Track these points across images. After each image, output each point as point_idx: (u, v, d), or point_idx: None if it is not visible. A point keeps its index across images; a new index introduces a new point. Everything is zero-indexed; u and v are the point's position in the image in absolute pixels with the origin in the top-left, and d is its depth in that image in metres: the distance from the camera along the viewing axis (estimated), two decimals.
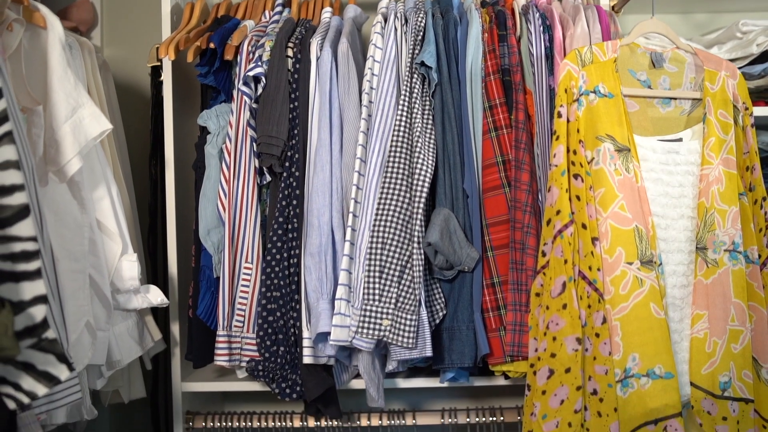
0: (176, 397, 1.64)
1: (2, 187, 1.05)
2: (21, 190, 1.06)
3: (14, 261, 1.05)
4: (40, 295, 1.06)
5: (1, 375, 1.05)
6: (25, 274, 1.05)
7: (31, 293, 1.05)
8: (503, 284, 1.41)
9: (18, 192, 1.06)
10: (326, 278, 1.40)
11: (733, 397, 1.38)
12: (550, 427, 1.27)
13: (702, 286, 1.41)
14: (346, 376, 1.59)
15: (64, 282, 1.30)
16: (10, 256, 1.05)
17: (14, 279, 1.05)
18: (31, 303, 1.05)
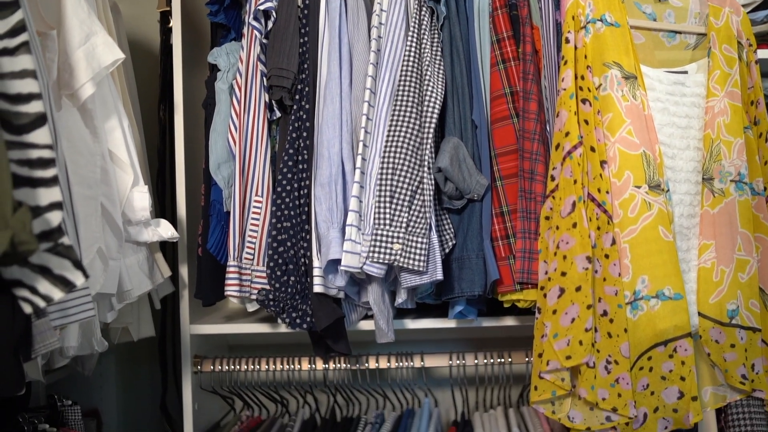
0: (185, 340, 1.64)
1: (20, 94, 1.06)
2: (38, 98, 1.07)
3: (31, 167, 1.06)
4: (56, 201, 1.06)
5: (17, 278, 1.06)
6: (42, 180, 1.06)
7: (47, 199, 1.05)
8: (512, 213, 1.42)
9: (35, 100, 1.07)
10: (336, 208, 1.41)
11: (740, 325, 1.39)
12: (561, 345, 1.27)
13: (708, 216, 1.43)
14: (355, 315, 1.60)
15: (77, 207, 1.30)
16: (27, 161, 1.06)
17: (31, 185, 1.05)
18: (47, 209, 1.06)
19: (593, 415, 1.34)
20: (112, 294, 1.40)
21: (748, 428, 1.42)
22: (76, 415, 1.50)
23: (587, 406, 1.35)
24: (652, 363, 1.34)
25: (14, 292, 1.06)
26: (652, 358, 1.34)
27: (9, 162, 1.04)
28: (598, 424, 1.34)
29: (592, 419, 1.34)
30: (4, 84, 1.04)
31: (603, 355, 1.31)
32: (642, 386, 1.34)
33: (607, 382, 1.31)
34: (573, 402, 1.36)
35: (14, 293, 1.06)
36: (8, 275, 1.06)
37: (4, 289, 1.06)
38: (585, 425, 1.35)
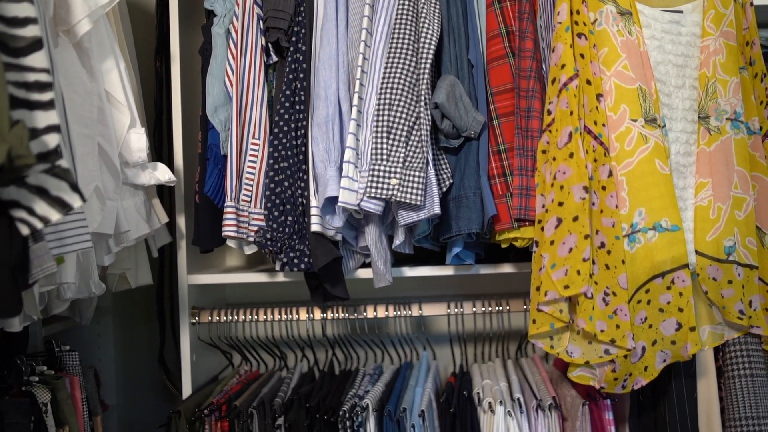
0: (182, 290, 1.64)
1: (16, 18, 1.06)
2: (34, 23, 1.07)
3: (28, 89, 1.06)
4: (53, 124, 1.06)
5: (14, 199, 1.06)
6: (39, 103, 1.06)
7: (44, 122, 1.05)
8: (509, 151, 1.42)
9: (31, 24, 1.07)
10: (333, 147, 1.41)
11: (737, 262, 1.39)
12: (559, 275, 1.27)
13: (705, 154, 1.43)
14: (353, 263, 1.60)
15: (75, 145, 1.31)
16: (24, 84, 1.05)
17: (28, 107, 1.05)
18: (44, 131, 1.05)
19: (591, 348, 1.35)
20: (109, 235, 1.40)
21: (746, 366, 1.42)
22: (74, 360, 1.50)
23: (586, 340, 1.35)
24: (649, 296, 1.34)
25: (11, 214, 1.06)
26: (649, 291, 1.34)
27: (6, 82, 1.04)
28: (597, 357, 1.34)
29: (590, 353, 1.35)
30: (1, 6, 1.04)
31: (601, 287, 1.31)
32: (640, 319, 1.34)
33: (605, 314, 1.31)
34: (571, 337, 1.36)
35: (11, 214, 1.06)
36: (5, 196, 1.06)
37: (2, 211, 1.06)
38: (583, 359, 1.35)
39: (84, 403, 1.49)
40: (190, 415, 1.56)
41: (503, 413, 1.51)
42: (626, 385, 1.36)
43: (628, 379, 1.36)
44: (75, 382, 1.47)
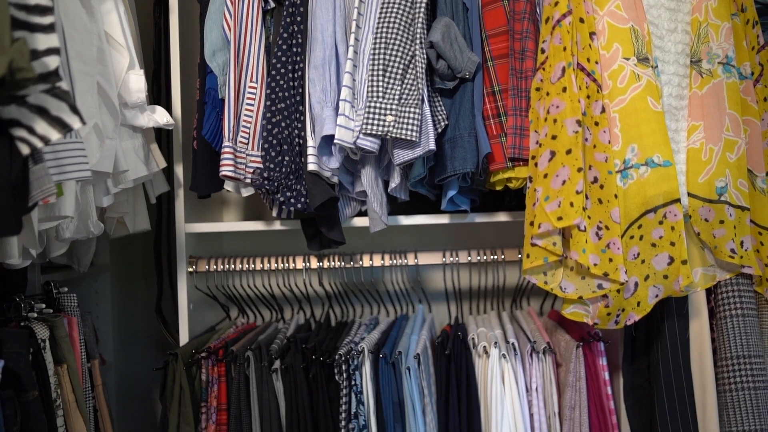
0: (180, 238, 1.66)
1: None
2: None
3: (28, 12, 1.07)
4: (54, 47, 1.07)
5: (15, 117, 1.07)
6: (40, 26, 1.07)
7: (45, 44, 1.06)
8: (503, 92, 1.44)
9: None
10: (330, 88, 1.42)
11: (729, 203, 1.41)
12: (552, 207, 1.29)
13: (697, 97, 1.45)
14: (349, 210, 1.61)
15: (74, 81, 1.32)
16: (24, 6, 1.07)
17: (29, 29, 1.06)
18: (45, 53, 1.07)
19: (585, 284, 1.36)
20: (107, 174, 1.41)
21: (738, 306, 1.44)
22: (72, 302, 1.51)
23: (579, 276, 1.37)
24: (642, 231, 1.35)
25: (12, 132, 1.08)
26: (642, 227, 1.35)
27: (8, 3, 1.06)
28: (590, 292, 1.36)
29: (584, 288, 1.36)
30: None
31: (594, 222, 1.33)
32: (633, 255, 1.36)
33: (598, 248, 1.33)
34: (565, 273, 1.38)
35: (12, 133, 1.08)
36: (6, 115, 1.08)
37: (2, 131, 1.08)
38: (577, 294, 1.37)
39: (82, 345, 1.50)
40: (187, 359, 1.57)
41: (498, 356, 1.52)
42: (619, 321, 1.38)
43: (621, 315, 1.37)
44: (73, 323, 1.48)
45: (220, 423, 1.57)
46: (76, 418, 1.42)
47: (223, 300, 1.82)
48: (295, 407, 1.54)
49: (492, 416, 1.51)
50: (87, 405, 1.49)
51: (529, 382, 1.56)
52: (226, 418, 1.57)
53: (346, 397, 1.54)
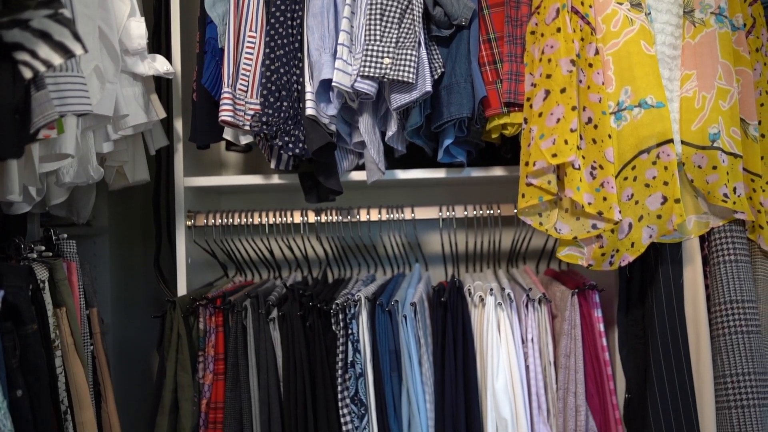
0: (179, 192, 1.67)
1: None
2: None
3: None
4: None
5: (18, 41, 1.09)
6: None
7: None
8: (499, 39, 1.46)
9: None
10: (328, 35, 1.45)
11: (722, 149, 1.42)
12: (547, 144, 1.31)
13: (690, 46, 1.47)
14: (347, 163, 1.63)
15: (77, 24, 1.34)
16: None
17: None
18: None
19: (579, 224, 1.38)
20: (108, 118, 1.42)
21: (731, 252, 1.45)
22: (72, 248, 1.52)
23: (573, 217, 1.38)
24: (636, 172, 1.37)
25: (15, 56, 1.10)
26: (636, 168, 1.37)
27: None
28: (585, 232, 1.37)
29: (578, 228, 1.38)
30: None
31: (588, 162, 1.35)
32: (626, 196, 1.38)
33: (592, 187, 1.34)
34: (560, 214, 1.40)
35: (15, 57, 1.10)
36: (9, 39, 1.09)
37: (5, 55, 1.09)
38: (572, 235, 1.38)
39: (81, 292, 1.51)
40: (185, 307, 1.58)
41: (493, 305, 1.53)
42: (613, 262, 1.39)
43: (615, 256, 1.39)
44: (72, 268, 1.49)
45: (217, 372, 1.58)
46: (74, 361, 1.42)
47: (222, 258, 1.83)
48: (292, 356, 1.55)
49: (488, 366, 1.52)
50: (85, 351, 1.49)
51: (525, 333, 1.57)
52: (224, 367, 1.58)
53: (342, 346, 1.54)
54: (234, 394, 1.56)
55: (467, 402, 1.52)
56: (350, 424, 1.52)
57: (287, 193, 1.84)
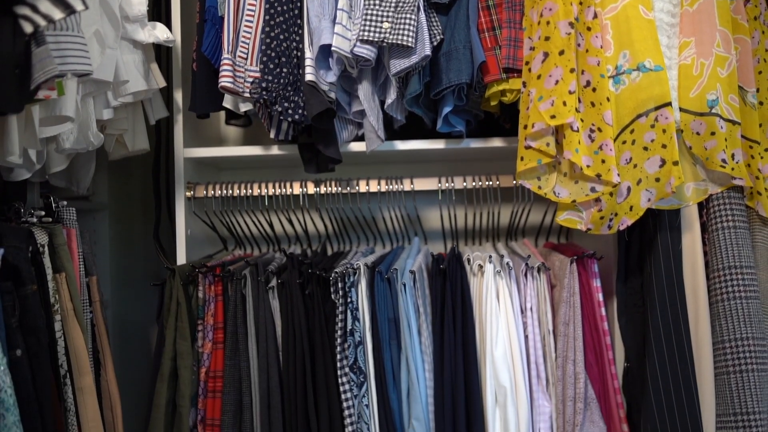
0: (178, 163, 1.68)
1: None
2: None
3: None
4: None
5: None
6: None
7: None
8: (498, 6, 1.46)
9: None
10: (328, 1, 1.45)
11: (720, 116, 1.43)
12: (545, 106, 1.31)
13: (688, 14, 1.47)
14: (346, 133, 1.63)
15: None
16: None
17: None
18: None
19: (578, 188, 1.38)
20: (108, 84, 1.43)
21: (729, 218, 1.45)
22: (71, 215, 1.52)
23: (572, 180, 1.39)
24: (634, 136, 1.37)
25: (15, 11, 1.10)
26: (634, 131, 1.37)
27: None
28: (583, 195, 1.38)
29: (577, 192, 1.38)
30: None
31: (587, 124, 1.35)
32: (625, 160, 1.38)
33: (591, 150, 1.35)
34: (558, 179, 1.40)
35: (15, 11, 1.10)
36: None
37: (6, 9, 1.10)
38: (570, 198, 1.38)
39: (80, 258, 1.51)
40: (184, 276, 1.58)
41: (492, 272, 1.54)
42: (612, 225, 1.39)
43: (614, 219, 1.39)
44: (72, 234, 1.49)
45: (216, 341, 1.58)
46: (73, 326, 1.43)
47: (221, 231, 1.84)
48: (291, 325, 1.55)
49: (487, 334, 1.53)
50: (85, 318, 1.49)
51: (524, 303, 1.58)
52: (223, 336, 1.58)
53: (342, 315, 1.55)
54: (233, 363, 1.56)
55: (466, 370, 1.52)
56: (349, 393, 1.52)
57: (286, 169, 1.84)
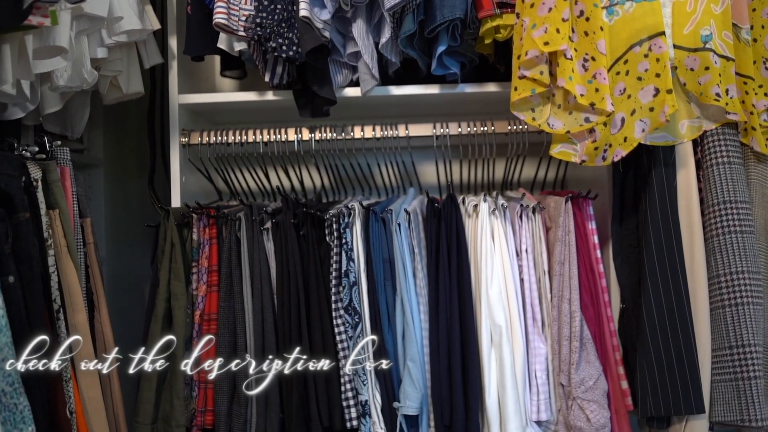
0: (173, 110, 1.67)
1: None
2: None
3: None
4: None
5: None
6: None
7: None
8: None
9: None
10: None
11: (714, 51, 1.43)
12: (539, 33, 1.31)
13: None
14: (341, 77, 1.63)
15: None
16: None
17: None
18: None
19: (572, 119, 1.38)
20: (102, 18, 1.42)
21: (724, 154, 1.45)
22: (65, 155, 1.52)
23: (566, 111, 1.39)
24: (628, 66, 1.37)
25: None
26: (628, 62, 1.37)
27: None
28: (578, 126, 1.38)
29: (571, 123, 1.38)
30: None
31: (580, 54, 1.35)
32: (619, 91, 1.38)
33: (584, 79, 1.35)
34: (552, 110, 1.40)
35: None
36: None
37: None
38: (564, 129, 1.39)
39: (74, 198, 1.51)
40: (179, 217, 1.58)
41: (487, 211, 1.53)
42: (606, 157, 1.39)
43: (608, 150, 1.39)
44: (66, 172, 1.49)
45: (210, 284, 1.58)
46: (67, 263, 1.42)
47: (217, 183, 1.83)
48: (285, 266, 1.55)
49: (482, 274, 1.52)
50: (79, 257, 1.49)
51: (519, 245, 1.57)
52: (217, 278, 1.57)
53: (336, 256, 1.54)
54: (227, 305, 1.56)
55: (461, 310, 1.52)
56: (344, 334, 1.52)
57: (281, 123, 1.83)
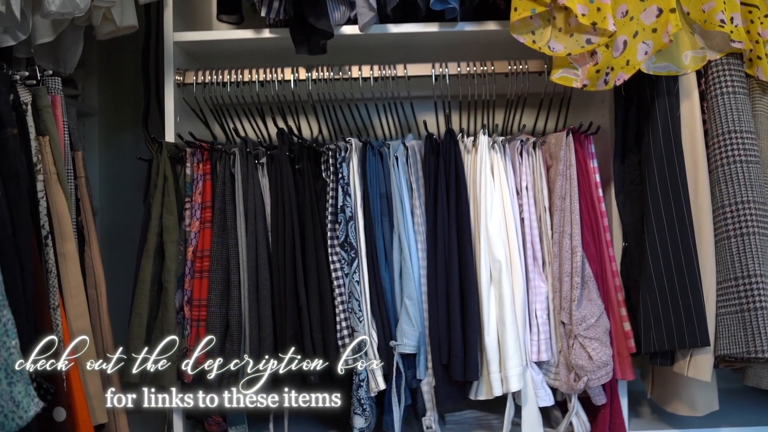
0: (168, 48, 1.64)
1: None
2: None
3: None
4: None
5: None
6: None
7: None
8: None
9: None
10: None
11: None
12: None
13: None
14: (338, 14, 1.60)
15: None
16: None
17: None
18: None
19: (573, 41, 1.35)
20: None
21: (728, 84, 1.42)
22: (57, 84, 1.48)
23: (567, 34, 1.36)
24: None
25: None
26: None
27: None
28: (579, 47, 1.35)
29: (572, 45, 1.35)
30: None
31: None
32: (621, 13, 1.35)
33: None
34: (553, 34, 1.37)
35: None
36: None
37: None
38: (566, 52, 1.36)
39: (65, 128, 1.48)
40: (172, 151, 1.55)
41: (487, 145, 1.50)
42: (608, 81, 1.36)
43: (610, 74, 1.36)
44: (57, 101, 1.46)
45: (204, 220, 1.54)
46: (56, 190, 1.39)
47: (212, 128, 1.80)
48: (280, 201, 1.52)
49: (481, 209, 1.49)
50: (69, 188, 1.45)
51: (519, 182, 1.54)
52: (211, 214, 1.54)
53: (333, 191, 1.51)
54: (221, 241, 1.52)
55: (460, 246, 1.49)
56: (340, 271, 1.48)
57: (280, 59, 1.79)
